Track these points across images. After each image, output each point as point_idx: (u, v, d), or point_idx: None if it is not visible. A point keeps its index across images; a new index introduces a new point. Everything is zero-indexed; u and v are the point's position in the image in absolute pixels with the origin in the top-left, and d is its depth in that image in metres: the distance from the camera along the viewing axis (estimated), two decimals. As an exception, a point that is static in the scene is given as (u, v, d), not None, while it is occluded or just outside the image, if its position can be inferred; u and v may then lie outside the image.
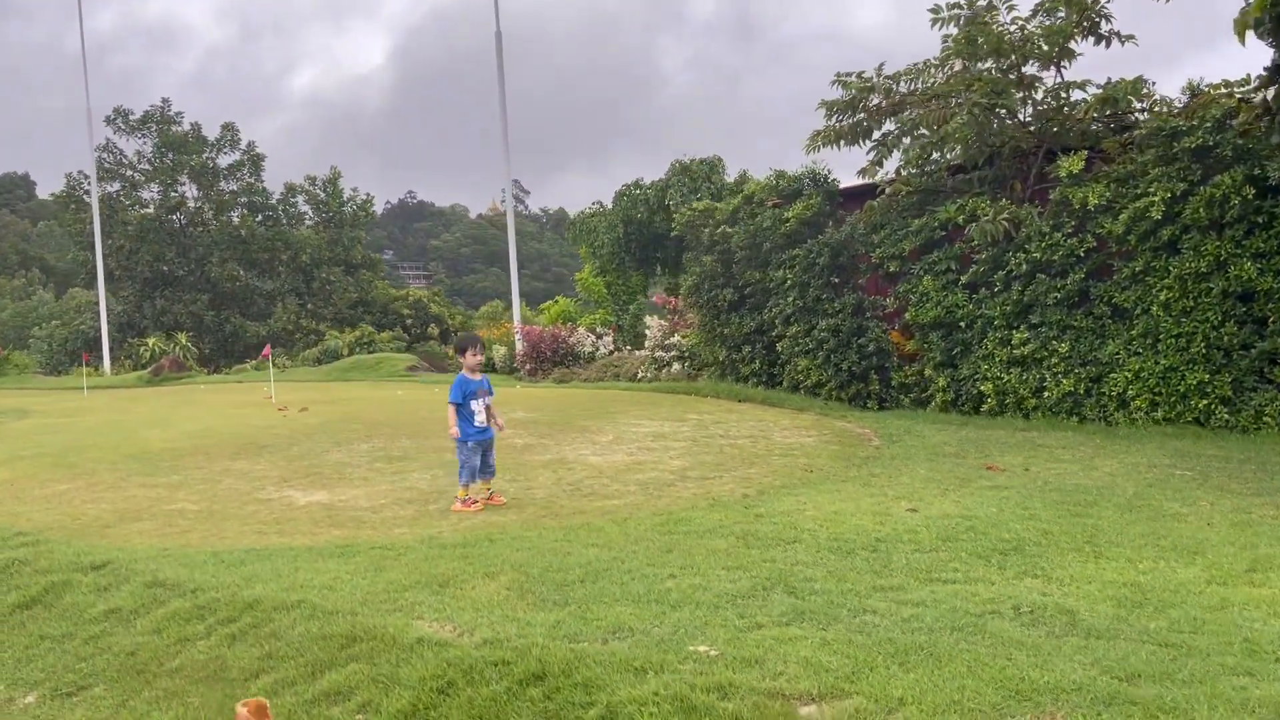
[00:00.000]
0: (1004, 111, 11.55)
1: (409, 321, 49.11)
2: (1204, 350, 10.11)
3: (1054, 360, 11.06)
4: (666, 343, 18.30)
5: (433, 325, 48.89)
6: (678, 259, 26.95)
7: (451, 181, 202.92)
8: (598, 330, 23.48)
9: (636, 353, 19.11)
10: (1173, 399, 10.34)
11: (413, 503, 7.77)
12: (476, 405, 7.57)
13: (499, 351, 24.48)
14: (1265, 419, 9.84)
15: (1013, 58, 11.76)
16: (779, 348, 13.84)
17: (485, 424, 7.62)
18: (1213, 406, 10.13)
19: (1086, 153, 10.68)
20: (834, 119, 13.56)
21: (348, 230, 51.67)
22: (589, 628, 4.46)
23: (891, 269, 12.49)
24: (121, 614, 5.28)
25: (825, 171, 13.82)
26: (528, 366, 22.86)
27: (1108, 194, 10.43)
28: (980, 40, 11.48)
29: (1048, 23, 11.42)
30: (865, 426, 11.23)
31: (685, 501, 7.54)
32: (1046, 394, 11.15)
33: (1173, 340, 10.28)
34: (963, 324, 11.80)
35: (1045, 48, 11.54)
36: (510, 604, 4.92)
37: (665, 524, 6.66)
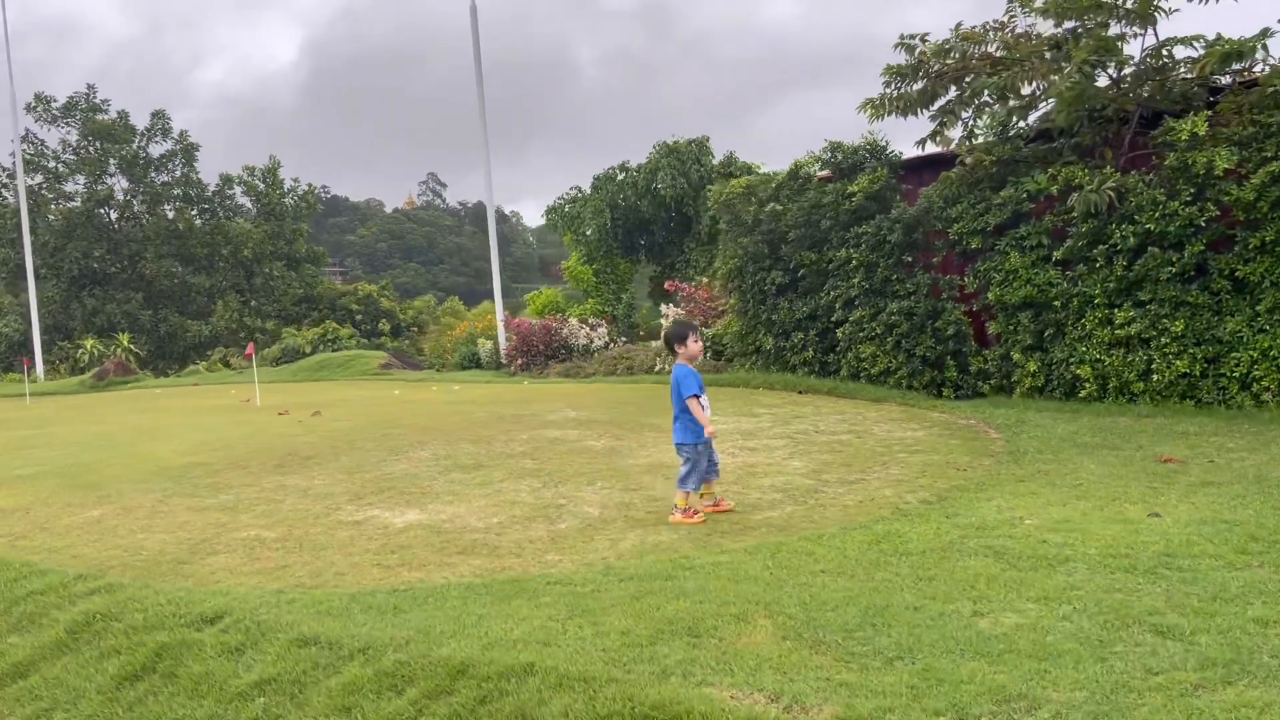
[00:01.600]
0: (1101, 72, 10.69)
1: (359, 318, 47.22)
2: (1340, 326, 9.37)
3: (1164, 340, 10.23)
4: (684, 332, 17.17)
5: (384, 320, 47.07)
6: (665, 244, 25.96)
7: (366, 176, 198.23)
8: (590, 321, 22.29)
9: (652, 343, 17.99)
10: (1303, 379, 9.59)
11: (533, 520, 6.57)
12: (706, 400, 6.51)
13: (484, 346, 23.15)
14: (1407, 398, 9.14)
15: (1099, 17, 10.90)
16: (839, 333, 12.84)
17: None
18: (1348, 386, 9.41)
19: (1209, 114, 9.85)
20: (892, 86, 12.62)
21: (289, 223, 49.44)
22: (967, 697, 3.37)
23: (973, 245, 11.55)
24: (280, 686, 4.03)
25: (884, 142, 12.85)
26: (519, 361, 21.60)
27: (1234, 158, 9.62)
28: (1074, -5, 10.59)
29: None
30: (966, 417, 10.30)
31: (861, 510, 6.49)
32: (1155, 376, 10.32)
33: (1304, 315, 9.52)
34: (1057, 303, 10.92)
35: (1138, 4, 10.69)
36: (810, 660, 3.80)
37: (876, 541, 5.59)
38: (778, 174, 13.92)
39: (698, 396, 6.42)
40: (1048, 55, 11.41)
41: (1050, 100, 11.49)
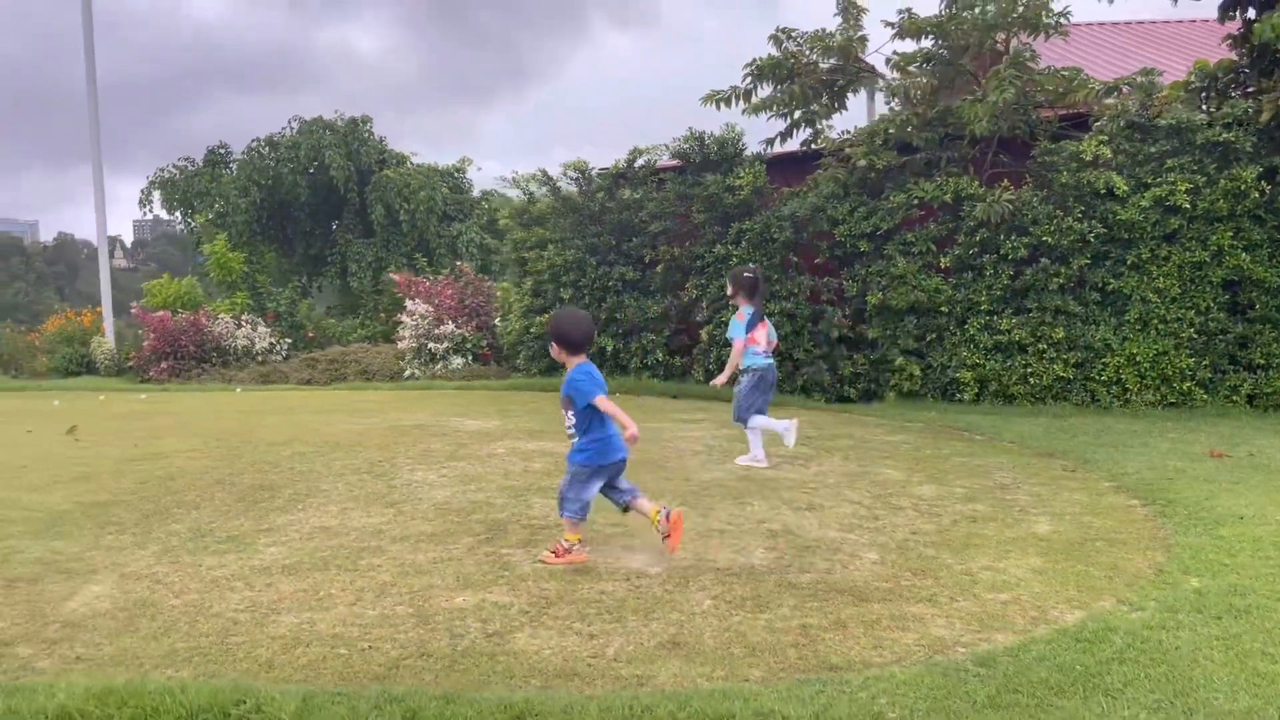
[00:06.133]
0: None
1: None
2: (1191, 335, 10.73)
3: (1043, 346, 11.00)
4: (436, 332, 15.13)
5: None
6: (312, 234, 22.97)
7: None
8: (247, 319, 18.83)
9: (399, 343, 15.53)
10: (1157, 382, 10.83)
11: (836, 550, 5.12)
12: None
13: (102, 346, 18.51)
14: (1235, 399, 10.72)
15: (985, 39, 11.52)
16: (703, 334, 12.04)
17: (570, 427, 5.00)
18: (1192, 389, 10.80)
19: (1105, 138, 10.74)
20: (747, 81, 12.28)
21: None
22: None
23: (860, 249, 11.50)
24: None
25: (739, 134, 12.31)
26: (162, 365, 17.58)
27: (1127, 183, 10.59)
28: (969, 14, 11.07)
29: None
30: (909, 421, 10.11)
31: (1146, 530, 5.97)
32: (1033, 380, 11.04)
33: (1163, 325, 10.76)
34: (944, 309, 11.25)
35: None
36: None
37: None
38: (618, 162, 12.71)
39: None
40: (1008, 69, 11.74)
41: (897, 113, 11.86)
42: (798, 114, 12.16)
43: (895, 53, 12.47)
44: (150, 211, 23.20)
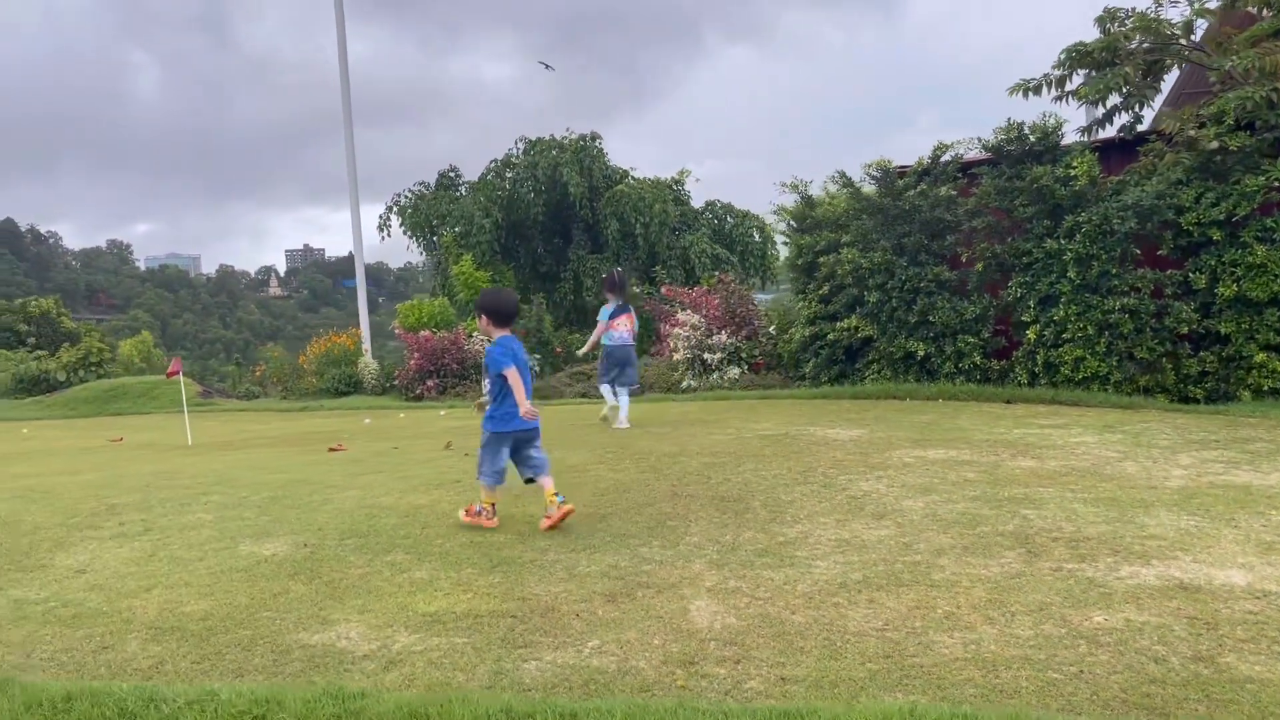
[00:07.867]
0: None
1: (31, 340, 38.66)
2: None
3: None
4: (709, 343, 14.97)
5: (66, 345, 38.81)
6: (543, 252, 23.35)
7: None
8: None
9: (674, 355, 15.46)
10: None
11: None
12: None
13: (368, 368, 19.16)
14: None
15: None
16: (1030, 334, 11.43)
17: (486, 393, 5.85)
18: None
19: None
20: (1061, 68, 11.62)
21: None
22: None
23: (1213, 236, 10.68)
24: None
25: (1061, 122, 11.63)
26: (428, 383, 18.08)
27: None
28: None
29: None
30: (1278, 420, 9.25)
31: None
32: None
33: None
34: (1310, 298, 10.32)
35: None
36: None
37: None
38: (920, 160, 12.28)
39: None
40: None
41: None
42: (1114, 98, 11.44)
43: (1223, 29, 11.66)
44: (388, 235, 24.03)
